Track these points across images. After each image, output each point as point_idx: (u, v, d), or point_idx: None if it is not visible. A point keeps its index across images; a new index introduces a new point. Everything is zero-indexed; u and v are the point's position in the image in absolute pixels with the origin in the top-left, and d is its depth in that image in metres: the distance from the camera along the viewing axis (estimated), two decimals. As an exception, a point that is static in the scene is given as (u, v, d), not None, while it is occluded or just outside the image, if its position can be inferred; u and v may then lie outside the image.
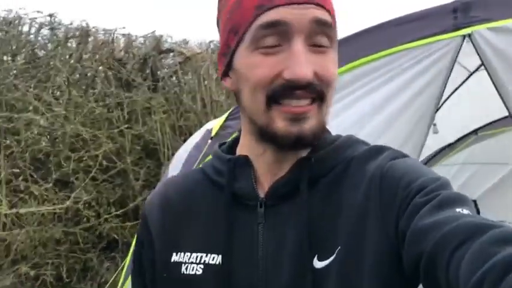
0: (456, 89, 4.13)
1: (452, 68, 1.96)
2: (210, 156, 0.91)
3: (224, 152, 0.87)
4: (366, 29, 2.08)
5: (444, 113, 4.26)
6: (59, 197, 4.11)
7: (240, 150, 0.85)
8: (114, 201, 4.49)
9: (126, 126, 4.58)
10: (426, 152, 4.75)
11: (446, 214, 0.63)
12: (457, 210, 0.63)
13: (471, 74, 3.65)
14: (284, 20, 0.71)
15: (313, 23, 0.72)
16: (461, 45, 1.90)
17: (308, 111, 0.73)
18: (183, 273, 0.80)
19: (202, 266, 0.79)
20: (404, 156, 0.80)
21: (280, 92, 0.72)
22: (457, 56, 1.93)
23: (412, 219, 0.66)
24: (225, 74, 0.81)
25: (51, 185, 4.04)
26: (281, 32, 0.71)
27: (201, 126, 3.03)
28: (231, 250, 0.77)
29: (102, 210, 4.40)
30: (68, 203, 3.95)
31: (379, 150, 0.81)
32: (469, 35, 1.86)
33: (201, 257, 0.79)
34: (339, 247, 0.73)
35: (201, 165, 0.92)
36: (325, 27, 0.73)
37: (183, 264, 0.80)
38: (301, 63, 0.70)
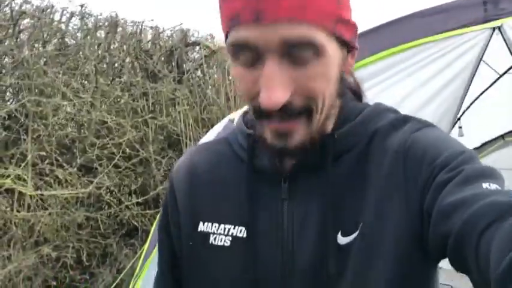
0: (483, 92, 4.06)
1: (479, 62, 1.94)
2: None
3: (248, 123, 0.85)
4: (396, 19, 2.07)
5: (470, 116, 4.19)
6: (82, 182, 4.19)
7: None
8: (135, 189, 4.55)
9: (150, 116, 4.64)
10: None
11: (473, 190, 0.61)
12: (484, 185, 0.61)
13: (500, 77, 3.58)
14: (252, 42, 0.65)
15: (284, 45, 0.64)
16: (490, 37, 1.88)
17: (292, 128, 0.69)
18: (212, 243, 0.80)
19: (230, 238, 0.79)
20: (428, 125, 0.78)
21: (261, 112, 0.69)
22: (485, 50, 1.91)
23: (437, 196, 0.64)
24: None
25: (75, 169, 4.11)
26: (253, 51, 0.66)
27: (223, 119, 3.05)
28: (255, 225, 0.77)
29: (123, 197, 4.46)
30: (90, 188, 4.02)
31: (402, 121, 0.79)
32: (499, 28, 1.85)
33: (229, 229, 0.79)
34: (362, 223, 0.72)
35: (227, 136, 0.91)
36: (300, 45, 0.64)
37: (211, 235, 0.80)
38: (271, 88, 0.64)
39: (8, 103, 4.26)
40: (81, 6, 5.17)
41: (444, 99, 1.91)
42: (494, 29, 1.86)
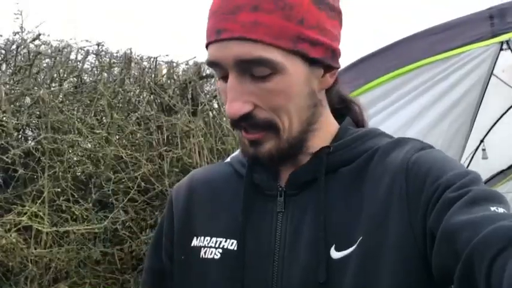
0: (506, 111, 3.94)
1: (490, 77, 1.88)
2: None
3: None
4: (403, 39, 2.04)
5: (495, 137, 4.06)
6: (98, 217, 4.18)
7: None
8: (151, 223, 4.52)
9: (165, 148, 4.65)
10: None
11: (481, 213, 0.59)
12: (492, 208, 0.60)
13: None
14: (216, 60, 0.72)
15: (237, 62, 0.70)
16: (499, 52, 1.82)
17: (260, 138, 0.75)
18: (202, 257, 0.81)
19: (220, 251, 0.80)
20: (431, 147, 0.77)
21: (233, 124, 0.76)
22: (494, 64, 1.85)
23: (443, 215, 0.62)
24: None
25: (91, 205, 4.11)
26: (220, 67, 0.73)
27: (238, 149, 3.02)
28: (245, 236, 0.78)
29: (140, 231, 4.43)
30: (105, 223, 4.01)
31: (404, 141, 0.78)
32: (507, 42, 1.79)
33: (221, 242, 0.80)
34: (361, 237, 0.71)
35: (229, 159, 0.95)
36: (253, 63, 0.70)
37: (202, 248, 0.82)
38: (231, 100, 0.71)
39: (25, 141, 4.33)
40: (98, 45, 5.30)
41: (454, 119, 1.85)
42: (502, 43, 1.80)
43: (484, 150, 4.13)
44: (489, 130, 3.95)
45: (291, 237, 0.76)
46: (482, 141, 4.07)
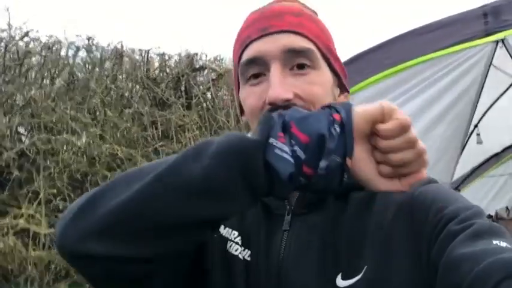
0: (499, 97, 3.93)
1: (486, 75, 1.85)
2: None
3: None
4: (395, 38, 2.00)
5: (488, 123, 4.05)
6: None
7: None
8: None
9: (160, 144, 4.62)
10: (469, 164, 4.54)
11: (484, 246, 0.60)
12: (494, 242, 0.60)
13: (517, 82, 3.46)
14: (259, 54, 0.75)
15: (285, 51, 0.75)
16: (495, 51, 1.79)
17: None
18: (227, 250, 0.82)
19: (242, 255, 0.81)
20: (435, 182, 0.78)
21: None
22: (490, 63, 1.82)
23: (446, 247, 0.62)
24: (242, 111, 0.85)
25: (88, 204, 4.09)
26: (260, 63, 0.76)
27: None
28: (258, 252, 0.78)
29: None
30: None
31: None
32: (502, 40, 1.75)
33: (238, 248, 0.81)
34: (366, 266, 0.70)
35: None
36: (300, 53, 0.75)
37: (228, 241, 0.82)
38: (275, 84, 0.73)
39: (20, 142, 4.29)
40: (89, 39, 5.23)
41: (452, 119, 1.82)
42: (497, 42, 1.77)
43: (478, 135, 4.12)
44: (483, 115, 3.94)
45: (295, 257, 0.76)
46: (476, 126, 4.06)
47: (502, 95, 3.86)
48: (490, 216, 4.92)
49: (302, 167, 0.62)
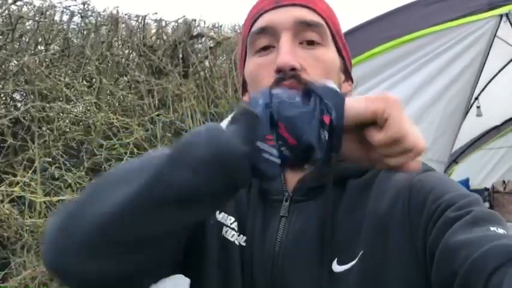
0: (501, 70, 3.87)
1: (489, 50, 1.79)
2: None
3: None
4: (394, 10, 1.93)
5: (488, 95, 4.02)
6: (92, 185, 4.15)
7: None
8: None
9: (157, 113, 4.57)
10: (468, 136, 4.51)
11: (481, 233, 0.61)
12: (492, 228, 0.61)
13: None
14: (271, 24, 0.77)
15: (297, 22, 0.76)
16: (499, 25, 1.73)
17: None
18: (223, 235, 0.81)
19: (236, 237, 0.80)
20: (434, 170, 0.79)
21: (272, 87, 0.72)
22: (494, 38, 1.76)
23: (443, 234, 0.64)
24: (245, 90, 0.85)
25: (83, 173, 4.08)
26: (271, 33, 0.77)
27: (232, 112, 2.96)
28: (253, 236, 0.78)
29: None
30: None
31: None
32: (507, 15, 1.69)
33: (234, 234, 0.81)
34: (362, 251, 0.71)
35: None
36: (311, 25, 0.77)
37: (224, 227, 0.82)
38: (283, 52, 0.73)
39: (15, 109, 4.24)
40: (84, 4, 5.10)
41: (453, 95, 1.77)
42: (502, 16, 1.70)
43: (478, 107, 4.09)
44: (484, 87, 3.90)
45: (292, 244, 0.76)
46: (477, 98, 4.02)
47: (503, 68, 3.80)
48: (486, 189, 4.94)
49: (287, 163, 0.59)
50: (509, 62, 3.67)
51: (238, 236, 0.80)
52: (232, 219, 0.82)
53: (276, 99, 0.59)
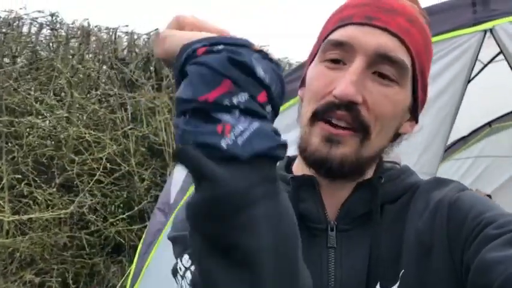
0: (469, 81, 3.98)
1: (474, 65, 1.84)
2: None
3: (282, 169, 0.83)
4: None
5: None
6: (63, 202, 4.02)
7: (296, 170, 0.82)
8: (120, 204, 4.39)
9: (129, 127, 4.47)
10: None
11: None
12: None
13: (485, 66, 3.54)
14: (351, 42, 0.71)
15: (378, 53, 0.70)
16: (483, 40, 1.78)
17: (343, 135, 0.70)
18: None
19: None
20: (469, 189, 0.80)
21: (324, 109, 0.71)
22: (478, 52, 1.81)
23: (481, 249, 0.64)
24: (303, 83, 0.81)
25: (54, 189, 3.94)
26: (346, 50, 0.71)
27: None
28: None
29: (108, 213, 4.30)
30: (71, 208, 3.85)
31: (444, 181, 0.80)
32: (491, 30, 1.74)
33: None
34: (403, 271, 0.72)
35: None
36: (392, 63, 0.70)
37: None
38: (348, 80, 0.68)
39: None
40: (52, 15, 4.96)
41: (439, 109, 1.81)
42: (485, 31, 1.76)
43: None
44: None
45: (346, 277, 0.75)
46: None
47: (470, 80, 3.91)
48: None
49: None
50: (476, 75, 3.79)
51: None
52: None
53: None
